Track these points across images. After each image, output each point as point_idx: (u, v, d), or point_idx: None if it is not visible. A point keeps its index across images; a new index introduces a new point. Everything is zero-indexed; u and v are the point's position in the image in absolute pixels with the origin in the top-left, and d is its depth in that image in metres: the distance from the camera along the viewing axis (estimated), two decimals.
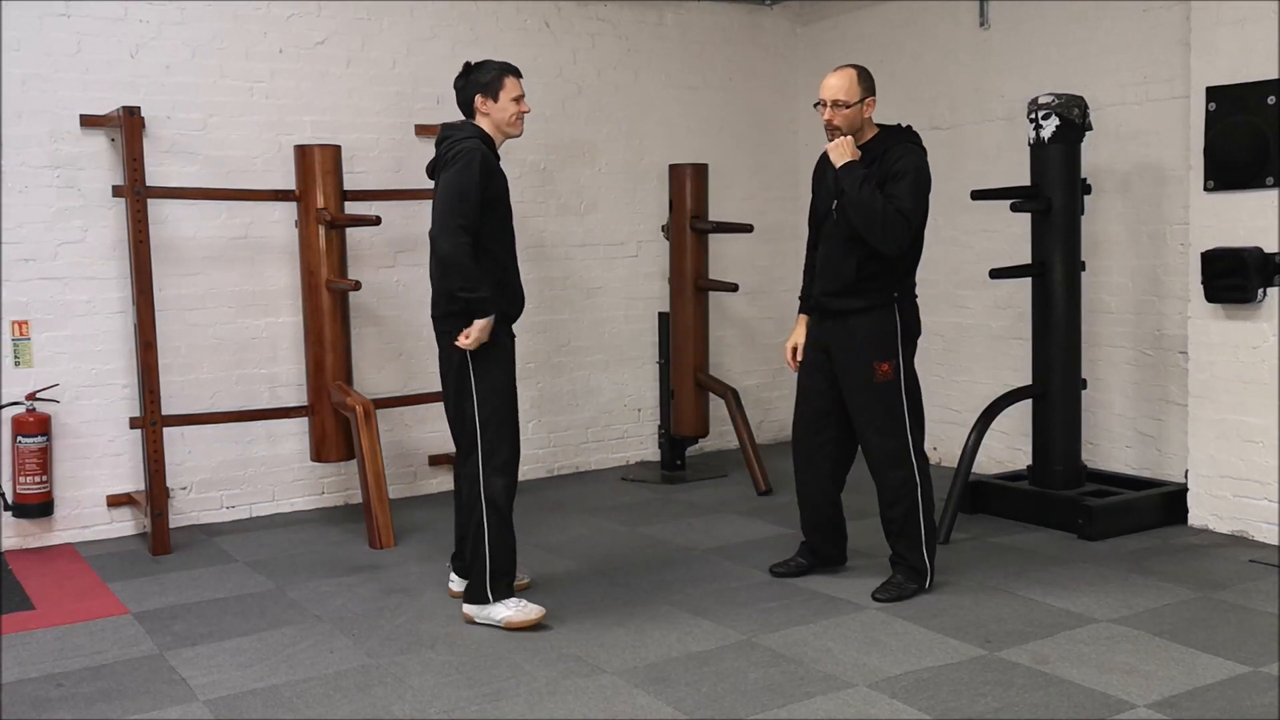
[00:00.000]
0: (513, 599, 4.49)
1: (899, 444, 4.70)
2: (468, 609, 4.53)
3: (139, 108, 5.51)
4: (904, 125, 4.80)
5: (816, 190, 4.90)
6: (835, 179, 4.66)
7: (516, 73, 4.55)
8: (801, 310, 4.98)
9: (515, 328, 4.59)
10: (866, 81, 4.65)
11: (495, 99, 4.47)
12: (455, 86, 4.55)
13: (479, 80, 4.48)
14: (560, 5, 7.13)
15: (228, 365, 6.21)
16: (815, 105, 4.70)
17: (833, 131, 4.65)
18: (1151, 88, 5.94)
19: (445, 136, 4.49)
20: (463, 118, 4.56)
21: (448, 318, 4.44)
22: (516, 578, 4.66)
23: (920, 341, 7.19)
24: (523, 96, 4.53)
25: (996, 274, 5.80)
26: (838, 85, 4.61)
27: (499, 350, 4.44)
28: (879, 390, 4.67)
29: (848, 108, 4.61)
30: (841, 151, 4.61)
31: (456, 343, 4.36)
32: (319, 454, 6.11)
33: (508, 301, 4.49)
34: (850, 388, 4.74)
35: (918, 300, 4.84)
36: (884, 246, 4.57)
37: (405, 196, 6.39)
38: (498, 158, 4.47)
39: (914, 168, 4.60)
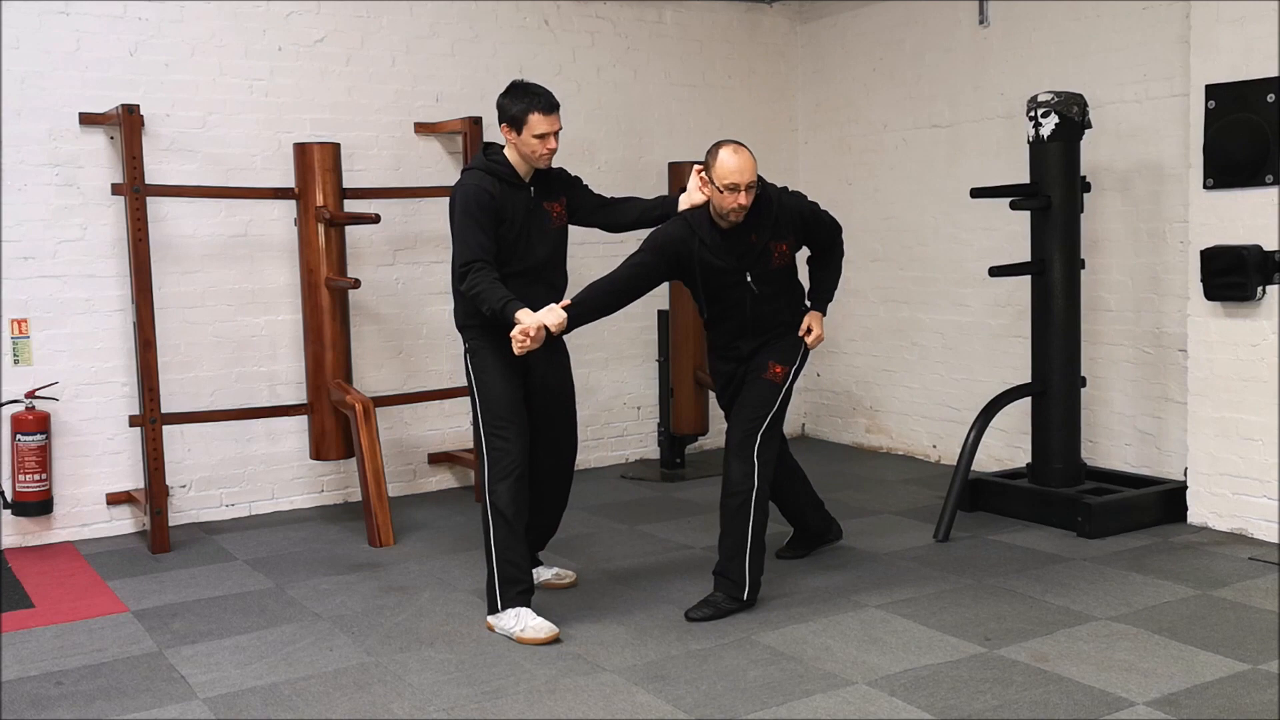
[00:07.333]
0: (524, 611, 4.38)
1: None
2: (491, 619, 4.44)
3: (138, 106, 5.51)
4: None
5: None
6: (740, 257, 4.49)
7: (545, 108, 4.36)
8: None
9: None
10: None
11: (519, 133, 4.37)
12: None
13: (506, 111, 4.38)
14: (560, 3, 7.12)
15: (227, 363, 6.21)
16: (724, 189, 4.29)
17: (743, 212, 4.36)
18: (1151, 85, 5.94)
19: None
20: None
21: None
22: (561, 576, 4.98)
23: (920, 339, 7.30)
24: (548, 135, 4.36)
25: (996, 272, 5.80)
26: (751, 166, 4.32)
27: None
28: None
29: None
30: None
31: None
32: (318, 452, 6.11)
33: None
34: None
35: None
36: None
37: (405, 194, 6.39)
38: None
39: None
